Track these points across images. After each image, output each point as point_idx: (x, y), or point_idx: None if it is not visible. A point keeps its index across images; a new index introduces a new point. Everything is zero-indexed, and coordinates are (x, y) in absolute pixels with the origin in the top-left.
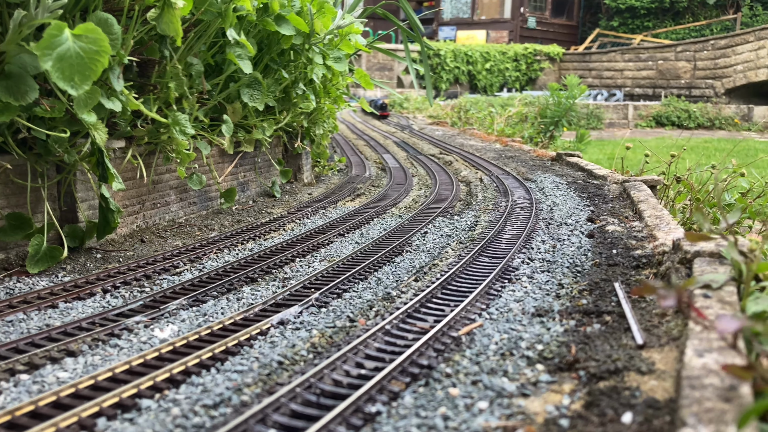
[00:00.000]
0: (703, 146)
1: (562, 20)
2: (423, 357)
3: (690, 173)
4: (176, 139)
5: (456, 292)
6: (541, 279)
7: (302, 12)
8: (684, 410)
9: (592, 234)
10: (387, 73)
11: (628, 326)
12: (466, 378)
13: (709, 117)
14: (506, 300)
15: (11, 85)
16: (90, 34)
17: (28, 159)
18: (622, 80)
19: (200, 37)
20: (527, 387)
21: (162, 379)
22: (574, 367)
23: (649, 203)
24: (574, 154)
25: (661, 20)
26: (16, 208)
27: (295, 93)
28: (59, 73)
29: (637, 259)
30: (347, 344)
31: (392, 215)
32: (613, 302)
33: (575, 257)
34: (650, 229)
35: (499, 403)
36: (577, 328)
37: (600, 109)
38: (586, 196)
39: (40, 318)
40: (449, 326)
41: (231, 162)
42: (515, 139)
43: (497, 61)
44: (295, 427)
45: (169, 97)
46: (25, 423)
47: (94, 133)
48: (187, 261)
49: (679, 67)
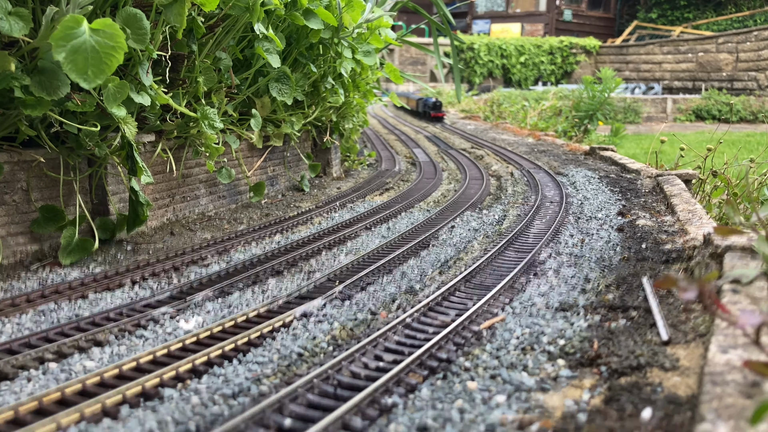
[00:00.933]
0: (744, 140)
1: (599, 12)
2: (442, 351)
3: (727, 167)
4: (205, 133)
5: (480, 285)
6: (567, 273)
7: (330, 6)
8: (703, 406)
9: (622, 228)
10: (420, 68)
11: (654, 322)
12: (484, 372)
13: (752, 110)
14: (530, 294)
15: (44, 80)
16: (108, 29)
17: (60, 152)
18: (660, 73)
19: (228, 32)
20: (547, 382)
21: (185, 370)
22: (596, 363)
23: (682, 197)
24: (608, 148)
25: (702, 11)
26: (49, 201)
27: (324, 87)
28: (72, 65)
29: (666, 253)
30: (367, 337)
31: (420, 209)
32: (640, 297)
33: (603, 251)
34: (682, 224)
35: (517, 397)
36: (601, 323)
37: (637, 103)
38: (618, 190)
39: (70, 308)
40: (471, 320)
41: (260, 156)
42: (548, 133)
43: (532, 55)
44: (311, 417)
45: (198, 91)
46: (53, 409)
47: (124, 126)
48: (215, 253)
49: (721, 59)
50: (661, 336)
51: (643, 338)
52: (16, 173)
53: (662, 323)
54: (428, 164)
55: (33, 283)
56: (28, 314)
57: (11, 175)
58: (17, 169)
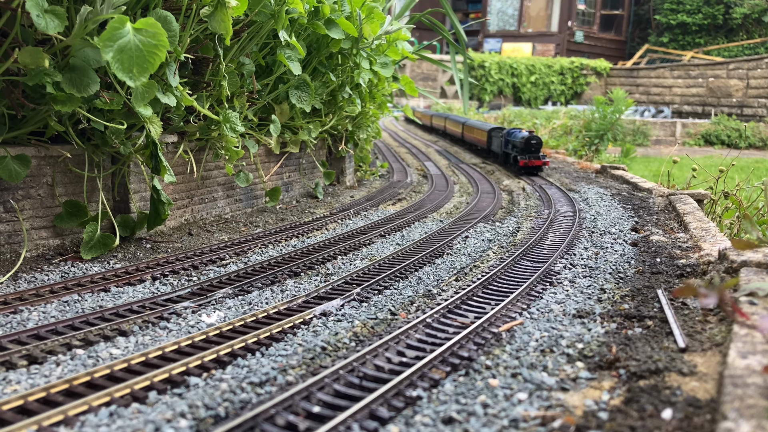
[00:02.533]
0: (753, 165)
1: (611, 35)
2: (463, 349)
3: (739, 189)
4: (226, 136)
5: (497, 291)
6: (582, 283)
7: (351, 16)
8: (725, 405)
9: (636, 243)
10: (430, 83)
11: (670, 331)
12: (505, 371)
13: (762, 137)
14: (547, 301)
15: (75, 78)
16: (150, 29)
17: (86, 149)
18: (670, 97)
19: (252, 38)
20: (566, 382)
21: (209, 360)
22: (615, 366)
23: (695, 215)
24: (619, 167)
25: (714, 37)
26: (72, 197)
27: (342, 96)
28: (119, 65)
29: (681, 268)
30: (389, 334)
31: (433, 219)
32: (656, 308)
33: (618, 264)
34: (695, 240)
35: (539, 395)
36: (618, 330)
37: (647, 126)
38: (630, 207)
39: (94, 300)
40: (490, 322)
41: (277, 162)
42: (559, 151)
43: (542, 74)
44: (339, 405)
45: (222, 95)
46: (82, 392)
47: (150, 126)
48: (232, 254)
49: (731, 85)
50: (678, 343)
51: (660, 345)
52: (42, 168)
53: (678, 332)
54: (440, 177)
55: (55, 275)
56: (53, 304)
57: (38, 169)
58: (44, 164)
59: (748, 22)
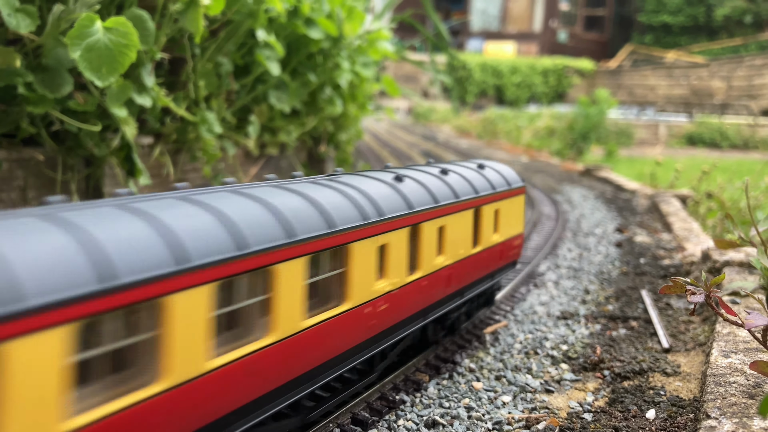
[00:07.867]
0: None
1: (594, 35)
2: (447, 352)
3: (721, 189)
4: (203, 137)
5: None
6: (567, 285)
7: (331, 16)
8: (708, 404)
9: (620, 244)
10: (412, 85)
11: (654, 331)
12: (489, 374)
13: (743, 138)
14: (531, 303)
15: (47, 78)
16: (121, 28)
17: (59, 152)
18: (653, 97)
19: (230, 38)
20: (551, 384)
21: None
22: (599, 367)
23: (678, 216)
24: (603, 168)
25: (695, 38)
26: None
27: (322, 97)
28: (87, 63)
29: (665, 268)
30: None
31: None
32: (640, 309)
33: (602, 265)
34: (679, 241)
35: (522, 398)
36: (602, 331)
37: (630, 127)
38: (614, 208)
39: None
40: (474, 325)
41: (256, 164)
42: (543, 152)
43: (525, 75)
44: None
45: (199, 95)
46: None
47: (125, 127)
48: None
49: (713, 85)
50: (662, 344)
51: (644, 346)
52: (14, 171)
53: (662, 332)
54: None
55: None
56: None
57: (9, 172)
58: (15, 166)
59: (730, 23)
